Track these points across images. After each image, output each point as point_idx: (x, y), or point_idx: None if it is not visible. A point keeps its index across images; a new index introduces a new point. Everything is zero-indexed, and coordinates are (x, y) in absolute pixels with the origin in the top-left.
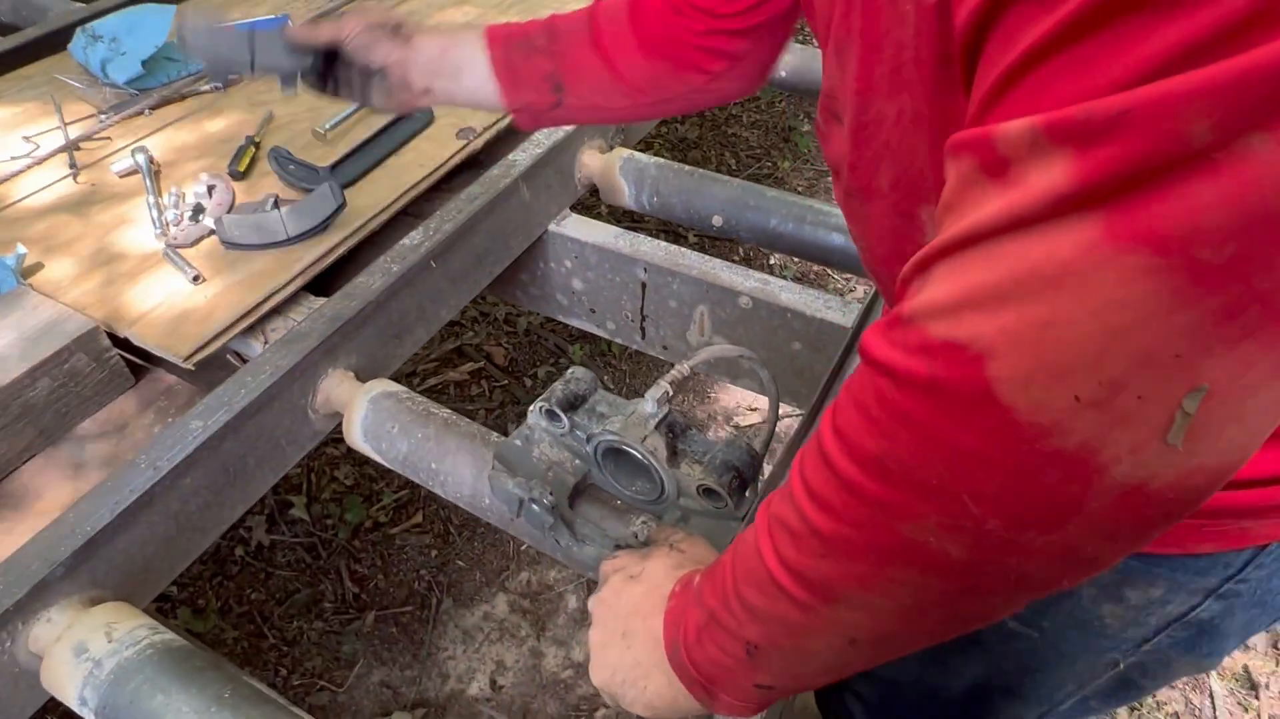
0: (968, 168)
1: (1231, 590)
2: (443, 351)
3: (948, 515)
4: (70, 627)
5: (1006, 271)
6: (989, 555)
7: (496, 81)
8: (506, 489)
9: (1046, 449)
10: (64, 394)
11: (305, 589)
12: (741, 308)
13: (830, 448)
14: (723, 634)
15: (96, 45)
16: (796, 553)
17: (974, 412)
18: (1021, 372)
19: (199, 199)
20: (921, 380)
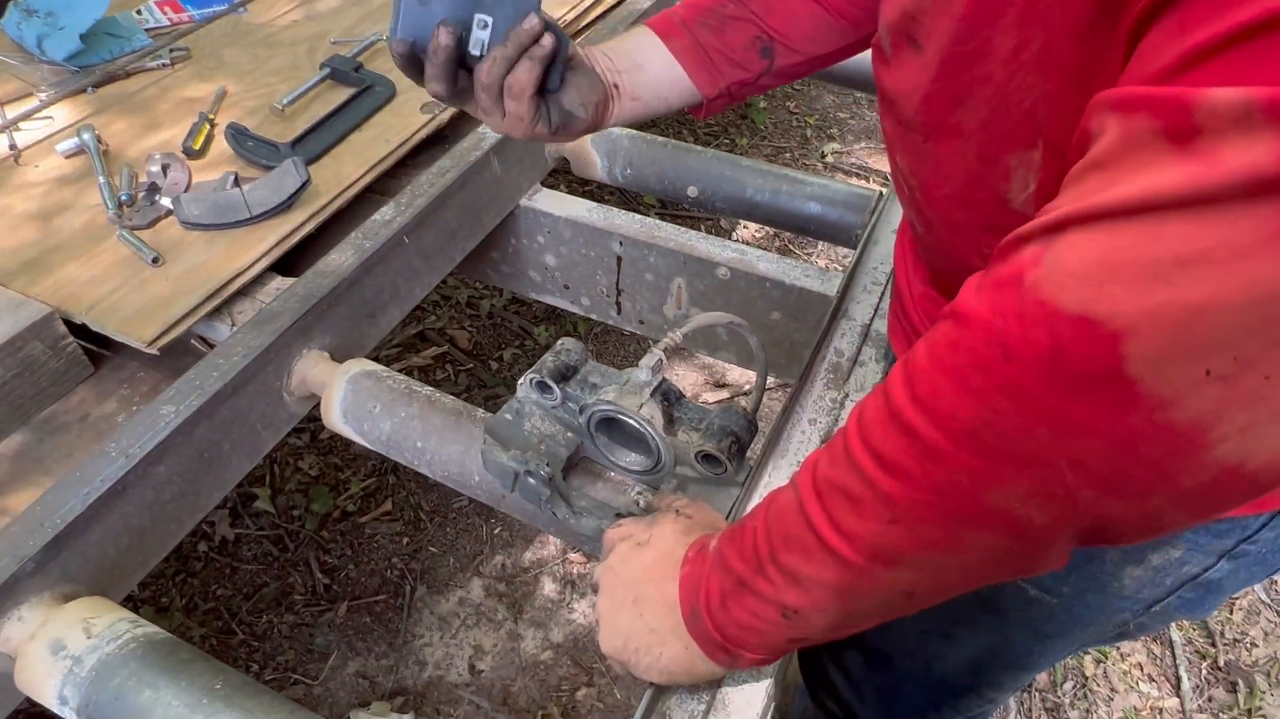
0: (1142, 128)
1: (1243, 551)
2: (405, 336)
3: (1041, 483)
4: (44, 624)
5: (1170, 250)
6: (1071, 520)
7: (687, 70)
8: (501, 463)
9: (1160, 421)
10: (19, 384)
11: (274, 582)
12: (720, 279)
13: (910, 416)
14: (754, 599)
15: (31, 20)
16: (858, 519)
17: (1094, 385)
18: (1159, 350)
19: (153, 179)
20: (1043, 353)
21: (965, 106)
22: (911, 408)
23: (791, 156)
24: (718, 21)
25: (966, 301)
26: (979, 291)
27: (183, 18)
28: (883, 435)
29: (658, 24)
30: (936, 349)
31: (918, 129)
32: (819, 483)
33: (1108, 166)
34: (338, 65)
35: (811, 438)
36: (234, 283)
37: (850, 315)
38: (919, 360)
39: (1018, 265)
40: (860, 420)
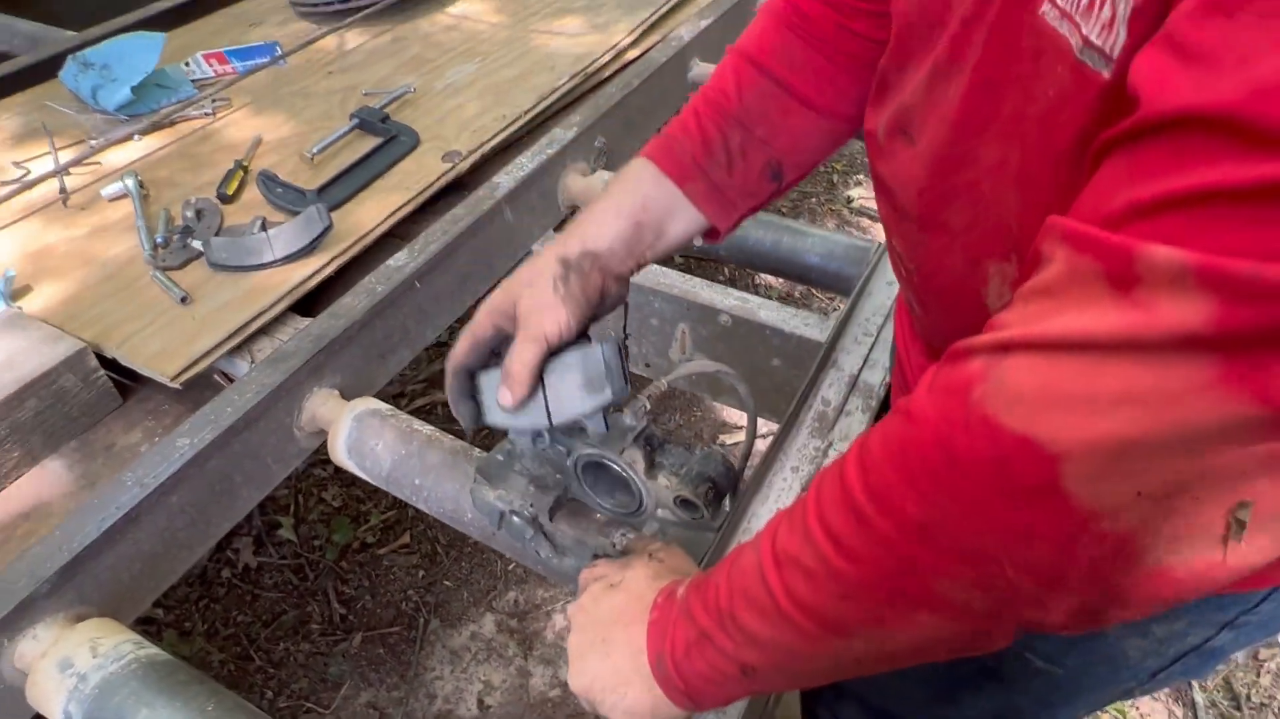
0: (1086, 267)
1: (1245, 622)
2: (431, 372)
3: (984, 577)
4: (55, 642)
5: (1107, 388)
6: (1013, 609)
7: (704, 213)
8: (487, 502)
9: (1094, 529)
10: (52, 414)
11: (292, 610)
12: (722, 325)
13: (863, 503)
14: (715, 653)
15: (87, 72)
16: (812, 591)
17: (1034, 497)
18: (1094, 473)
19: (188, 222)
20: (985, 464)
21: (953, 207)
22: (864, 495)
23: (817, 200)
24: (727, 159)
25: (918, 402)
26: (930, 394)
27: (227, 69)
28: (837, 516)
29: (672, 167)
30: (889, 443)
31: (913, 219)
32: (778, 551)
33: (1054, 296)
34: (366, 116)
35: (793, 485)
36: (255, 322)
37: (839, 365)
38: (873, 451)
39: (966, 376)
40: (818, 496)
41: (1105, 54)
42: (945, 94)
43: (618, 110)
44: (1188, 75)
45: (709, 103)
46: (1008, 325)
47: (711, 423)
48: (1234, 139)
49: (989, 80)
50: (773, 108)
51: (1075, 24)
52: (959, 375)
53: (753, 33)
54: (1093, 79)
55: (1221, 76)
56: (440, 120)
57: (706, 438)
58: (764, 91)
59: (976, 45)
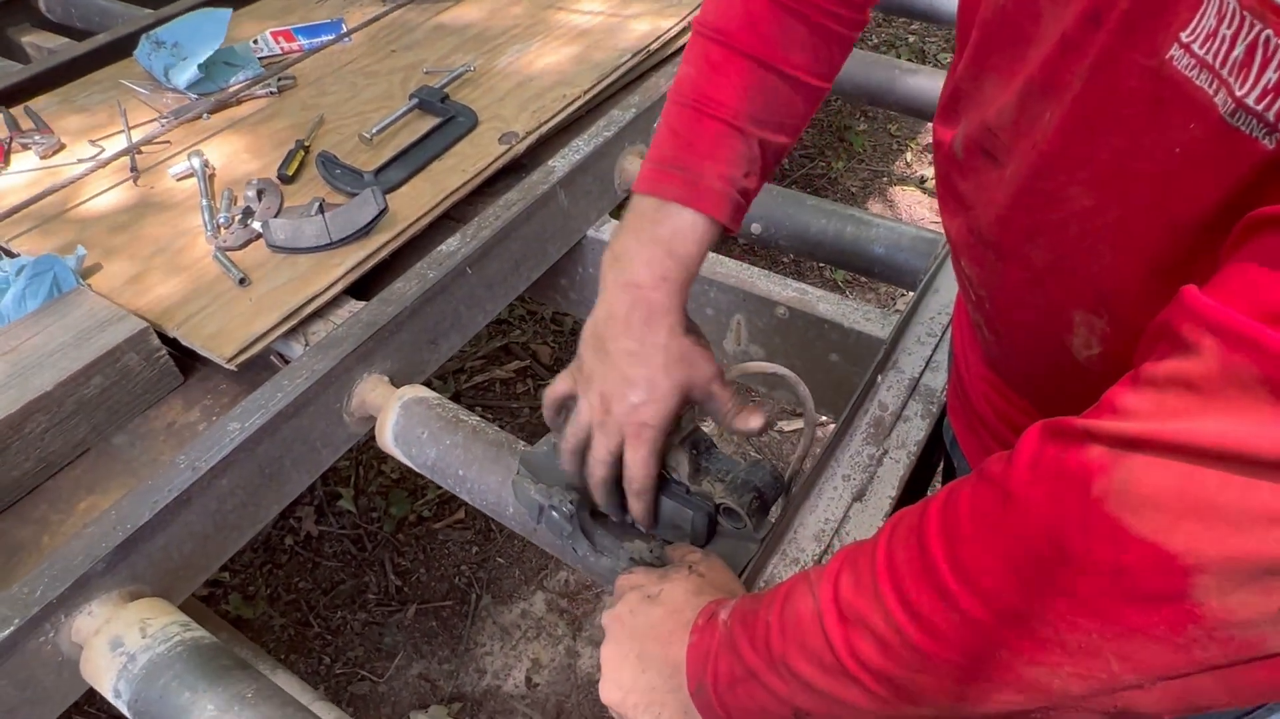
0: (1243, 369)
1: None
2: (490, 349)
3: (1085, 669)
4: (109, 620)
5: (1261, 507)
6: (1111, 699)
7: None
8: (528, 495)
9: (1223, 636)
10: (116, 392)
11: (350, 580)
12: (779, 318)
13: (949, 581)
14: (765, 693)
15: (160, 51)
16: (884, 659)
17: (1160, 604)
18: (1230, 587)
19: (249, 202)
20: (1104, 567)
21: (1036, 244)
22: (952, 574)
23: (889, 180)
24: (751, 167)
25: (1020, 481)
26: (1035, 476)
27: (294, 47)
28: (917, 590)
29: (709, 206)
30: (983, 522)
31: (991, 245)
32: (843, 606)
33: (1199, 393)
34: (425, 96)
35: (844, 495)
36: (309, 305)
37: (899, 367)
38: (962, 523)
39: (1084, 465)
40: (890, 557)
41: (1268, 122)
42: (1039, 120)
43: None
44: None
45: (717, 119)
46: (1138, 415)
47: (770, 409)
48: None
49: (1091, 116)
50: (780, 103)
51: (1223, 81)
52: (1075, 463)
53: (731, 11)
54: (1248, 147)
55: None
56: (500, 100)
57: None
58: (769, 88)
59: (1079, 75)
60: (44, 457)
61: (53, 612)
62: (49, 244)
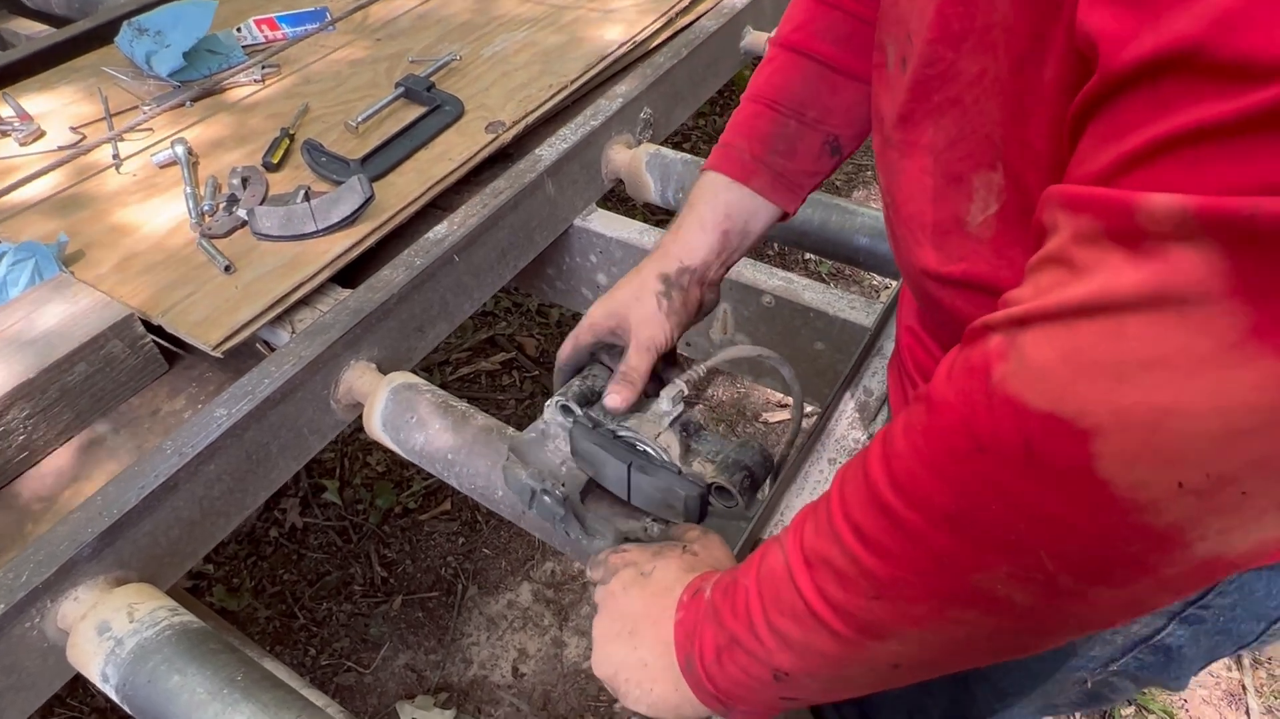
0: (1088, 227)
1: (1195, 616)
2: (475, 341)
3: (1020, 568)
4: (95, 605)
5: (1133, 352)
6: (1054, 603)
7: (774, 202)
8: (520, 480)
9: (1137, 523)
10: (100, 379)
11: (336, 571)
12: (764, 306)
13: (889, 498)
14: (747, 658)
15: (142, 38)
16: (843, 592)
17: (1068, 482)
18: (1128, 453)
19: (234, 190)
20: (1014, 447)
21: (938, 126)
22: (890, 489)
23: (873, 174)
24: (787, 146)
25: (938, 387)
26: (949, 378)
27: (278, 35)
28: (863, 513)
29: (733, 169)
30: (912, 433)
31: (895, 145)
32: (806, 551)
33: (1062, 262)
34: (411, 85)
35: (829, 477)
36: (295, 293)
37: (884, 353)
38: (896, 441)
39: (984, 356)
40: (842, 492)
41: None
42: (925, 13)
43: (665, 80)
44: (1140, 20)
45: (755, 100)
46: (1021, 299)
47: (756, 400)
48: (1205, 75)
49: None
50: (821, 90)
51: None
52: (978, 355)
53: (790, 20)
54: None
55: (1175, 14)
56: (486, 89)
57: (749, 415)
58: (809, 76)
59: None
60: (27, 444)
61: (38, 597)
62: (30, 231)
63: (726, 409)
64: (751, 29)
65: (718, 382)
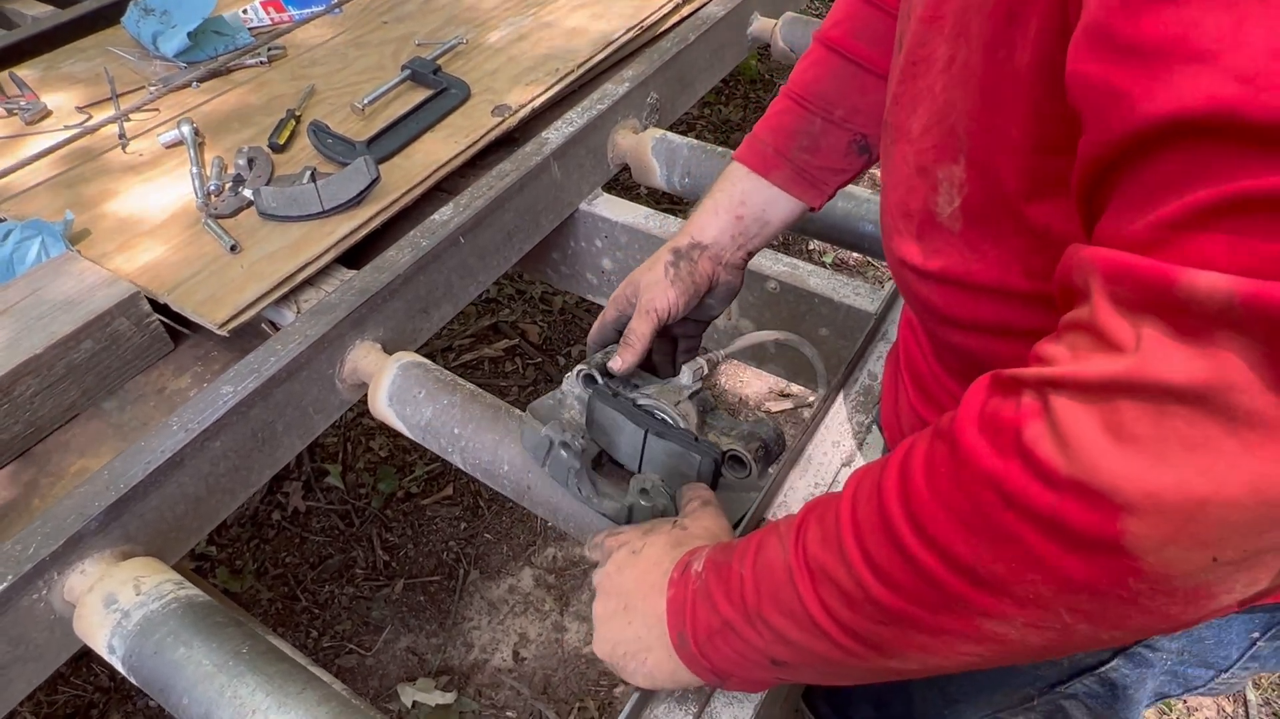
0: (1126, 297)
1: (1141, 656)
2: (479, 328)
3: (1038, 619)
4: (101, 578)
5: (1174, 435)
6: (1067, 645)
7: (795, 196)
8: (537, 435)
9: (1164, 589)
10: (106, 356)
11: (338, 555)
12: (769, 292)
13: (906, 536)
14: (743, 645)
15: (148, 19)
16: (849, 612)
17: (1095, 552)
18: (1162, 534)
19: (239, 170)
20: (1042, 510)
21: (915, 114)
22: (908, 529)
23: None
24: (811, 141)
25: (966, 434)
26: (980, 428)
27: (284, 17)
28: (876, 544)
29: (754, 161)
30: (935, 476)
31: (888, 129)
32: (810, 561)
33: (1099, 330)
34: (418, 67)
35: (833, 459)
36: (301, 273)
37: (888, 338)
38: (916, 481)
39: (1015, 412)
40: (855, 515)
41: None
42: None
43: (672, 65)
44: (1151, 76)
45: (787, 96)
46: (1056, 360)
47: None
48: (1243, 140)
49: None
50: (850, 89)
51: None
52: (1009, 411)
53: (832, 16)
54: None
55: (1192, 72)
56: (492, 73)
57: (751, 404)
58: (840, 74)
59: None
60: (34, 420)
61: (45, 569)
62: (36, 209)
63: (728, 399)
64: (759, 15)
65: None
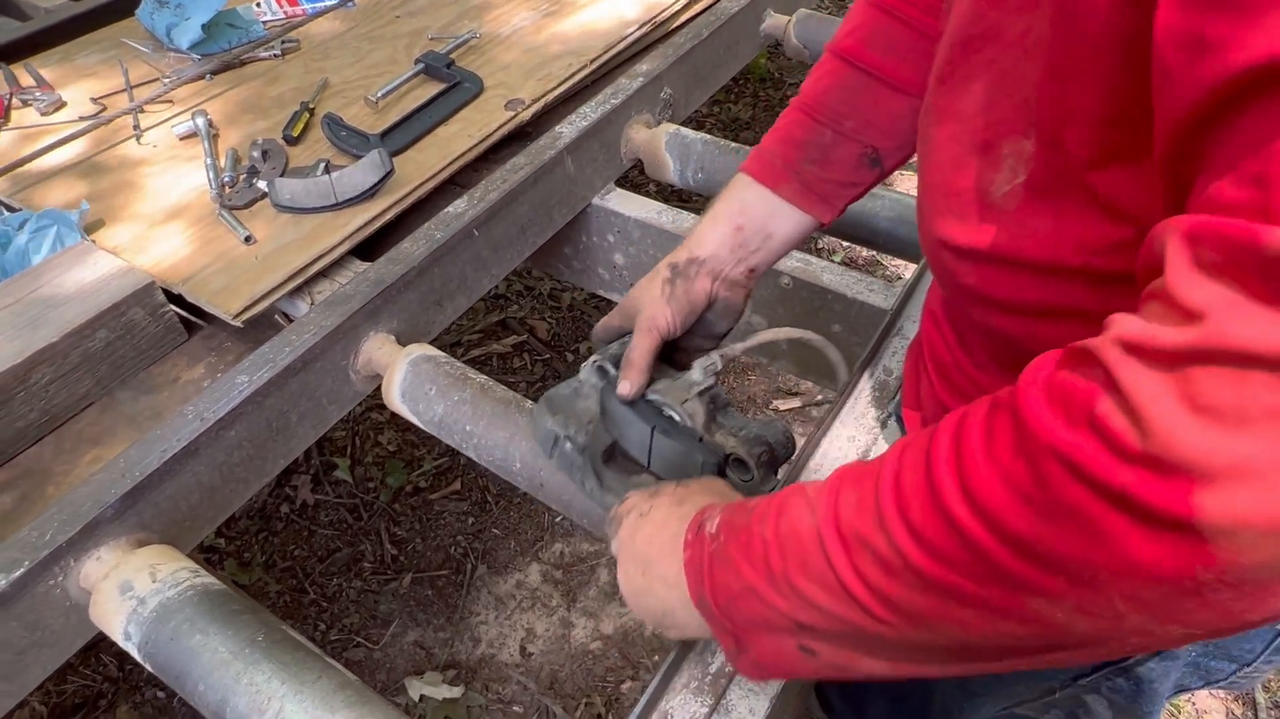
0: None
1: (1167, 649)
2: (487, 323)
3: (1089, 604)
4: (117, 565)
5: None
6: (1114, 637)
7: (803, 210)
8: (545, 427)
9: (1233, 580)
10: (121, 346)
11: (346, 548)
12: (782, 287)
13: (957, 509)
14: (767, 609)
15: (163, 11)
16: (886, 580)
17: (1165, 532)
18: (1237, 514)
19: (254, 162)
20: (1112, 486)
21: (968, 93)
22: (961, 501)
23: None
24: (820, 154)
25: (1032, 404)
26: (1049, 399)
27: (297, 11)
28: (923, 516)
29: (762, 173)
30: (995, 447)
31: (930, 110)
32: (844, 527)
33: (1177, 297)
34: (431, 61)
35: (849, 454)
36: (315, 264)
37: (904, 333)
38: (974, 450)
39: (1088, 383)
40: (897, 485)
41: None
42: None
43: (685, 61)
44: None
45: (797, 107)
46: (1131, 330)
47: (766, 388)
48: None
49: None
50: (862, 100)
51: None
52: (1081, 382)
53: (845, 25)
54: None
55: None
56: (505, 67)
57: (760, 403)
58: (851, 85)
59: None
60: (48, 408)
61: (62, 555)
62: (52, 199)
63: (735, 397)
64: (773, 12)
65: (728, 369)
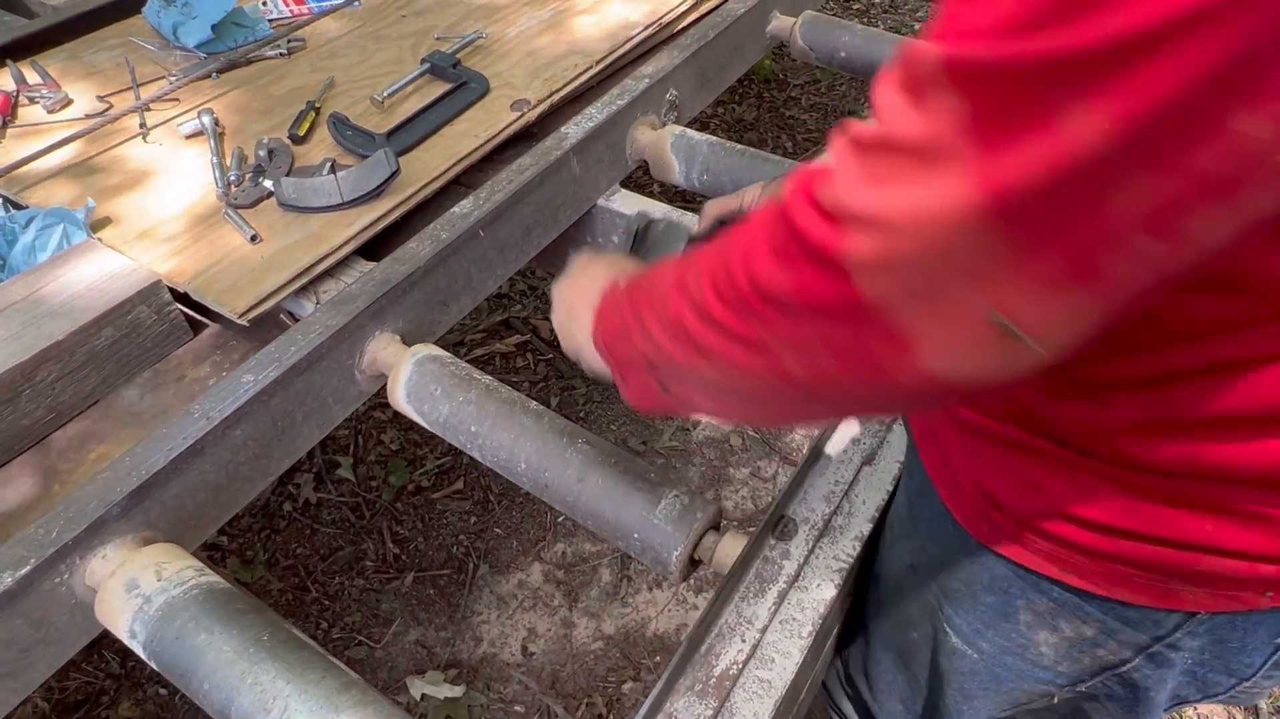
0: (899, 76)
1: (1163, 656)
2: (490, 323)
3: (797, 340)
4: (123, 564)
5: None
6: (823, 386)
7: None
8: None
9: (875, 320)
10: (126, 344)
11: (348, 547)
12: None
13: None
14: (631, 348)
15: (169, 9)
16: (698, 323)
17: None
18: (861, 250)
19: (260, 161)
20: (807, 237)
21: None
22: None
23: None
24: None
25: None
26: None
27: (303, 10)
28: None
29: None
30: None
31: None
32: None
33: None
34: (437, 61)
35: (854, 458)
36: (321, 264)
37: None
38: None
39: (822, 171)
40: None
41: None
42: None
43: (691, 62)
44: None
45: None
46: (855, 128)
47: None
48: None
49: None
50: None
51: None
52: (819, 167)
53: None
54: None
55: None
56: (511, 68)
57: None
58: None
59: None
60: (54, 406)
61: (68, 553)
62: (58, 197)
63: None
64: (779, 14)
65: None
